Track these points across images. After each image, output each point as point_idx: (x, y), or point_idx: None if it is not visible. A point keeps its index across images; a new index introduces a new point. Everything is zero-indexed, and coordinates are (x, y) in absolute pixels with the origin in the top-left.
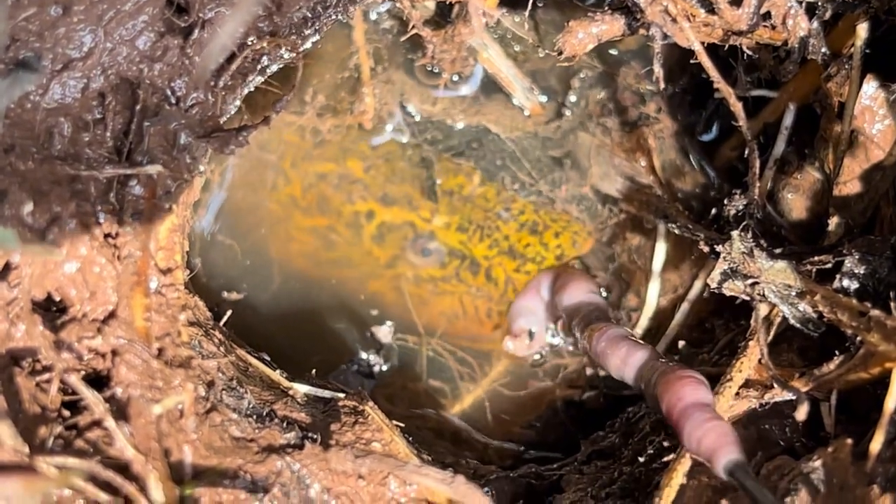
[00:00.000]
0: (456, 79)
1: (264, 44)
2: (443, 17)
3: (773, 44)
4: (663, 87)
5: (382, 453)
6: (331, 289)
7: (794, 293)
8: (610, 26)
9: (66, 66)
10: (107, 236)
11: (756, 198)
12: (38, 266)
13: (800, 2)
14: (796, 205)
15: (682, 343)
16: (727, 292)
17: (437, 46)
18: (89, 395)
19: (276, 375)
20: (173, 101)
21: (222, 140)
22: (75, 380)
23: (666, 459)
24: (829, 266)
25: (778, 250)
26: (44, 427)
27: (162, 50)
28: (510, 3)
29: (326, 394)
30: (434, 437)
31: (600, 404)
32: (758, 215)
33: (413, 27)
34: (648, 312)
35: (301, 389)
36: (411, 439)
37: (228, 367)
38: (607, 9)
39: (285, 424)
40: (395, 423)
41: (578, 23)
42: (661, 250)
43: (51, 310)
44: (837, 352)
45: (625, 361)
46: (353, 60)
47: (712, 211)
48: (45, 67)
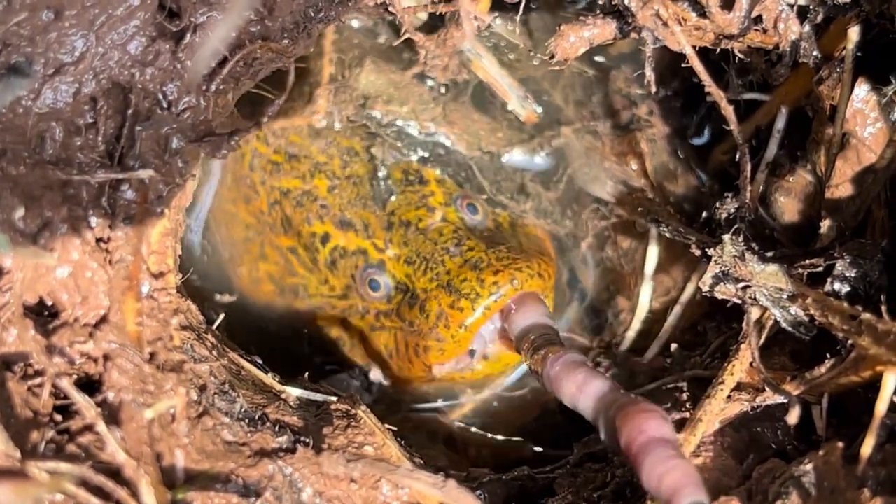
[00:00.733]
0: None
1: (256, 48)
2: (435, 23)
3: (765, 47)
4: (655, 90)
5: (374, 457)
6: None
7: (785, 296)
8: (601, 30)
9: (58, 71)
10: (98, 241)
11: (748, 201)
12: (30, 271)
13: (791, 5)
14: (788, 208)
15: (674, 346)
16: (719, 296)
17: (430, 52)
18: (81, 400)
19: (268, 379)
20: (165, 105)
21: (214, 144)
22: (67, 384)
23: None
24: (821, 269)
25: (769, 253)
26: (35, 432)
27: (154, 54)
28: (502, 8)
29: (319, 397)
30: (427, 441)
31: None
32: (749, 218)
33: (405, 32)
34: (640, 315)
35: (293, 393)
36: (403, 443)
37: (221, 371)
38: (599, 13)
39: (277, 428)
40: (387, 426)
41: (570, 27)
42: (652, 253)
43: (42, 314)
44: (829, 355)
45: (581, 389)
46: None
47: (703, 214)
48: (36, 72)
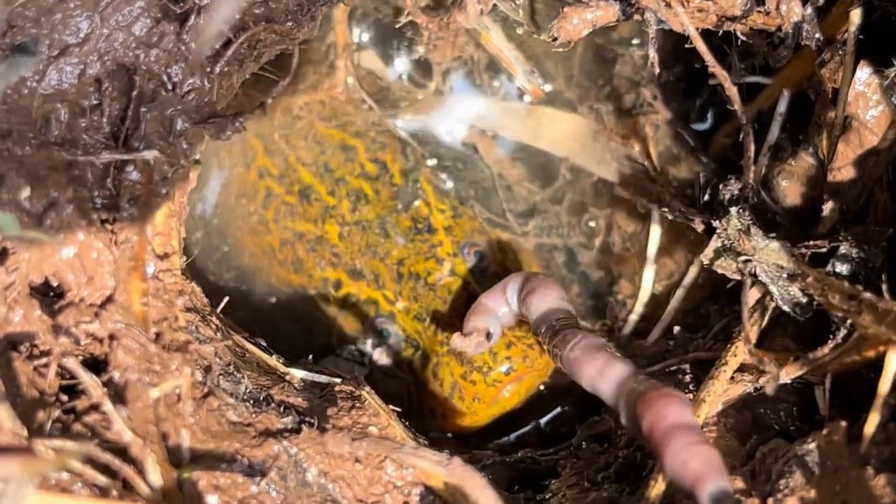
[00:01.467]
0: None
1: (260, 30)
2: (438, 4)
3: (767, 29)
4: (658, 72)
5: (379, 437)
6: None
7: (785, 275)
8: (605, 12)
9: (63, 52)
10: (104, 221)
11: (751, 181)
12: (36, 251)
13: None
14: (790, 191)
15: (677, 328)
16: (719, 270)
17: (433, 34)
18: (87, 379)
19: (272, 361)
20: (170, 87)
21: (219, 126)
22: (73, 363)
23: None
24: (824, 251)
25: (773, 234)
26: (42, 411)
27: (158, 36)
28: None
29: (323, 379)
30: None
31: None
32: (752, 200)
33: (408, 14)
34: (643, 298)
35: (298, 375)
36: (408, 423)
37: (225, 353)
38: None
39: (282, 409)
40: (391, 407)
41: (573, 9)
42: (655, 235)
43: (48, 294)
44: (831, 336)
45: (601, 373)
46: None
47: (706, 197)
48: (41, 53)
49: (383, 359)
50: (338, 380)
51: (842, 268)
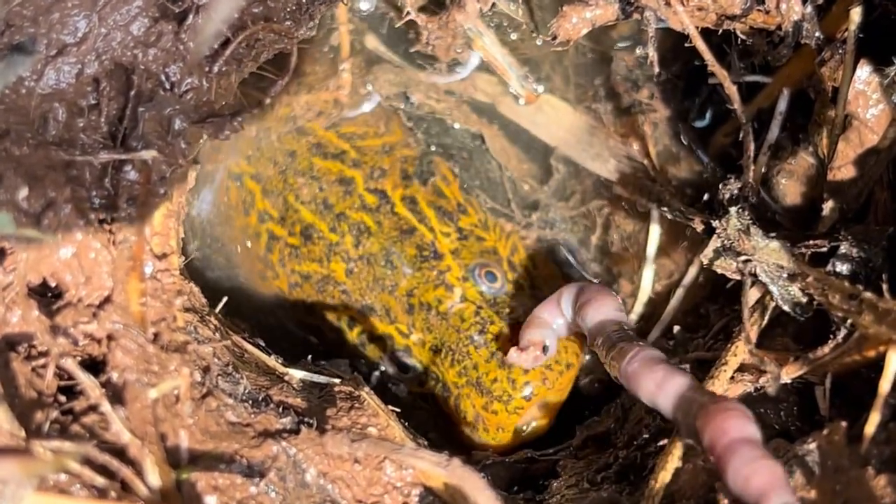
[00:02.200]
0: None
1: (258, 29)
2: (438, 3)
3: (767, 28)
4: (657, 71)
5: (378, 437)
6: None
7: (785, 274)
8: (604, 11)
9: (61, 52)
10: (102, 221)
11: (751, 181)
12: (34, 251)
13: None
14: (790, 190)
15: (676, 328)
16: (719, 269)
17: (433, 33)
18: (85, 379)
19: (271, 361)
20: (168, 86)
21: (217, 125)
22: (71, 363)
23: (661, 443)
24: (825, 250)
25: (773, 234)
26: (40, 412)
27: (156, 35)
28: None
29: (322, 379)
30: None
31: (595, 390)
32: (752, 200)
33: (408, 13)
34: (643, 298)
35: (297, 375)
36: (407, 424)
37: (224, 353)
38: None
39: (281, 409)
40: (390, 408)
41: (572, 7)
42: (654, 234)
43: (46, 295)
44: (832, 336)
45: (660, 387)
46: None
47: (705, 196)
48: (39, 52)
49: (401, 392)
50: (337, 380)
51: (842, 267)
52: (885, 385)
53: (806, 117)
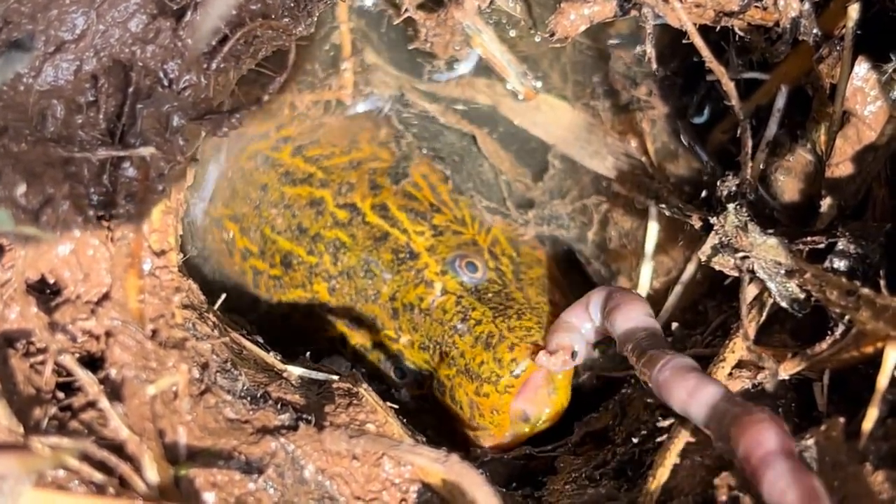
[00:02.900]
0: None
1: (256, 26)
2: (436, 0)
3: (765, 25)
4: (655, 68)
5: (377, 434)
6: None
7: (783, 271)
8: (602, 7)
9: (59, 49)
10: (100, 218)
11: (748, 177)
12: (32, 248)
13: None
14: (788, 187)
15: (674, 325)
16: (717, 266)
17: (431, 30)
18: (84, 376)
19: (270, 358)
20: (166, 83)
21: (215, 122)
22: (70, 360)
23: (659, 440)
24: (822, 247)
25: (771, 230)
26: (38, 408)
27: (154, 32)
28: None
29: (321, 376)
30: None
31: (594, 386)
32: (750, 197)
33: (406, 10)
34: (641, 294)
35: (295, 372)
36: (405, 421)
37: (222, 350)
38: None
39: (279, 406)
40: (389, 404)
41: (570, 4)
42: (652, 231)
43: (45, 291)
44: (830, 332)
45: (692, 395)
46: (333, 39)
47: (703, 193)
48: (37, 49)
49: (404, 397)
50: (335, 377)
51: (840, 263)
52: (882, 381)
53: (804, 114)
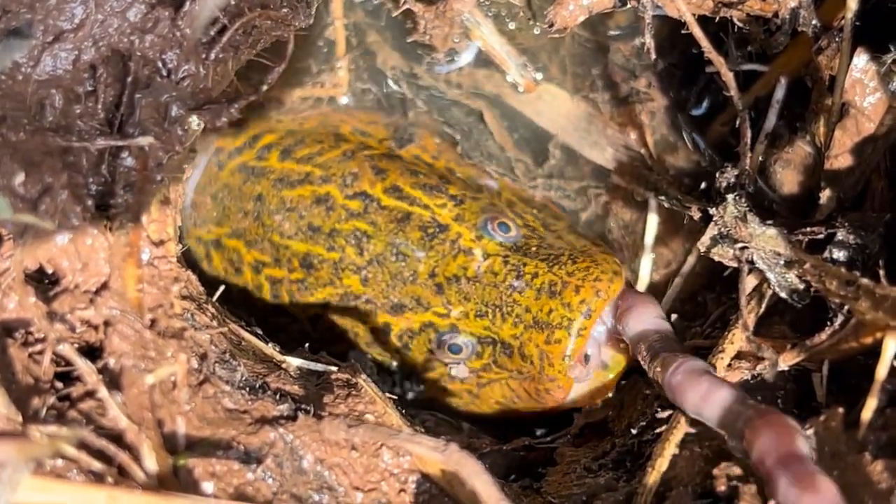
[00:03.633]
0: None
1: (255, 16)
2: None
3: (764, 16)
4: (654, 58)
5: (376, 424)
6: None
7: (782, 261)
8: None
9: (58, 38)
10: (99, 208)
11: (748, 169)
12: (31, 237)
13: None
14: (787, 179)
15: (674, 317)
16: (716, 257)
17: (429, 22)
18: (82, 365)
19: (268, 349)
20: (165, 73)
21: (214, 112)
22: (68, 349)
23: (658, 431)
24: (821, 237)
25: (770, 221)
26: (37, 398)
27: (153, 21)
28: None
29: (319, 367)
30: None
31: None
32: (749, 188)
33: (404, 2)
34: (641, 287)
35: (294, 363)
36: (404, 412)
37: (221, 340)
38: None
39: (278, 396)
40: (387, 395)
41: None
42: (652, 223)
43: (43, 281)
44: (829, 323)
45: (705, 399)
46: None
47: (703, 185)
48: (36, 38)
49: (462, 373)
50: (334, 368)
51: (839, 254)
52: (881, 371)
53: (803, 106)
